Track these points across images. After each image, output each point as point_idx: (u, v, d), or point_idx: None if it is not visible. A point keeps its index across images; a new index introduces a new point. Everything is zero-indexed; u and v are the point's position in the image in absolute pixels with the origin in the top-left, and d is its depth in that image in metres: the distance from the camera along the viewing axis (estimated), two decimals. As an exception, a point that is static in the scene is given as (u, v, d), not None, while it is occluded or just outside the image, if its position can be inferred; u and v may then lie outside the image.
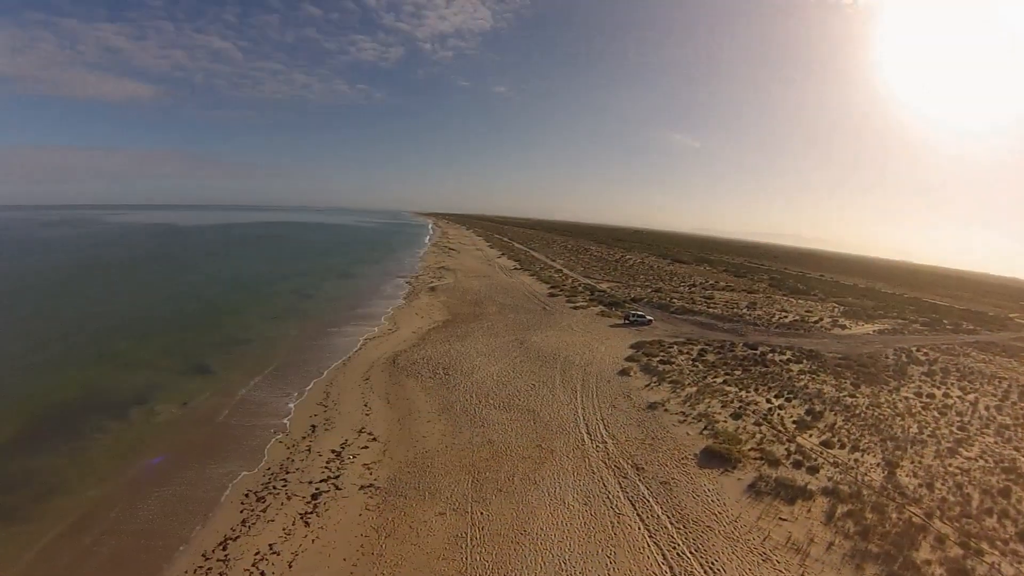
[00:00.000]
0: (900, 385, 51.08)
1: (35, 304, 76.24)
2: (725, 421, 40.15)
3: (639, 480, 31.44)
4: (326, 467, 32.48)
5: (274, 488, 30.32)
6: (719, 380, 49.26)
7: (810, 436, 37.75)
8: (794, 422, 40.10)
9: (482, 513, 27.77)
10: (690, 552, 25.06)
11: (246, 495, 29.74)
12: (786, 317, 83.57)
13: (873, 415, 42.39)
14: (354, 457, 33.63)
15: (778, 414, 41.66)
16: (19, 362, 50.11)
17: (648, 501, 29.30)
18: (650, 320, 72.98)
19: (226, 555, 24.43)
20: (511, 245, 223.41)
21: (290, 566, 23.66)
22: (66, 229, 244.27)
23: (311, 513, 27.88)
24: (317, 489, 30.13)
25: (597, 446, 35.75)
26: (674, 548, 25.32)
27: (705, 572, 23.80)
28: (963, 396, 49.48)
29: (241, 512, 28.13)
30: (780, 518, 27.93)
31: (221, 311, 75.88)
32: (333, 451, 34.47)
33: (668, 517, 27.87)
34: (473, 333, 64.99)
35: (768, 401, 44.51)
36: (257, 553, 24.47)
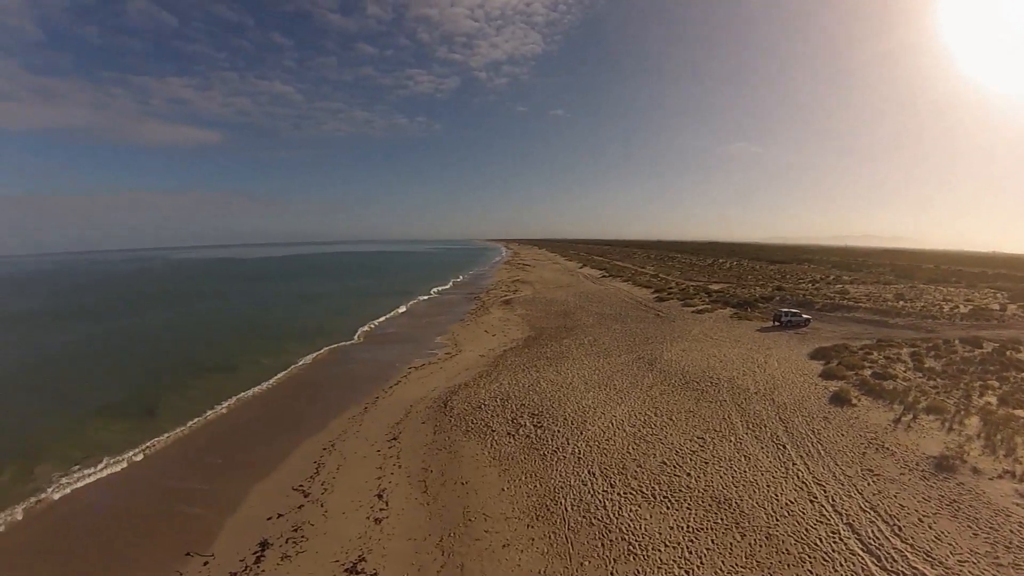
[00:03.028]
0: None
1: (49, 330, 64.14)
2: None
3: None
4: None
5: None
6: (991, 400, 28.57)
7: None
8: None
9: None
10: None
11: None
12: (956, 307, 60.65)
13: None
14: None
15: None
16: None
17: None
18: (808, 319, 54.06)
19: None
20: (589, 257, 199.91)
21: None
22: (133, 265, 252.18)
23: None
24: None
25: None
26: None
27: None
28: None
29: None
30: None
31: (228, 329, 61.88)
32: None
33: None
34: (570, 353, 42.69)
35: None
36: None
